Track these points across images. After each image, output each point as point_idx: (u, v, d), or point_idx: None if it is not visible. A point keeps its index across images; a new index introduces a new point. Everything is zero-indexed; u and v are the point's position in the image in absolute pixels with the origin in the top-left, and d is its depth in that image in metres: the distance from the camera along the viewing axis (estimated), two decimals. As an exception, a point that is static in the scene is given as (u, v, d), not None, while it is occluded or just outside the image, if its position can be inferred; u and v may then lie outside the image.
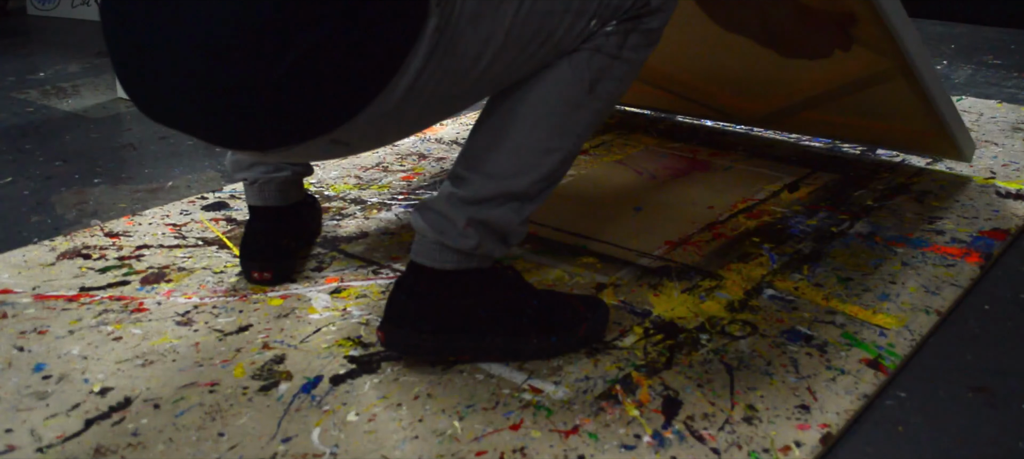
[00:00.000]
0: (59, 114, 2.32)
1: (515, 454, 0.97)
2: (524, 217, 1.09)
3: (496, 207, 1.06)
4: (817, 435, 1.00)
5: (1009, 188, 1.73)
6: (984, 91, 2.51)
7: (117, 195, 1.76)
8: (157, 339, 1.20)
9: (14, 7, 3.78)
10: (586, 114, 1.06)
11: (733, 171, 1.82)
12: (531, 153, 1.05)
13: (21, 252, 1.45)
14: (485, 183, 1.06)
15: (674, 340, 1.19)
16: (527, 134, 1.05)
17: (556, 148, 1.06)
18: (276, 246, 1.34)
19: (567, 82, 1.04)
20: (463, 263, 1.08)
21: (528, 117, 1.05)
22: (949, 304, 1.30)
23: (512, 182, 1.06)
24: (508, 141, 1.05)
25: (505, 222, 1.07)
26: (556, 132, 1.05)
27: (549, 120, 1.05)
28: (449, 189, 1.08)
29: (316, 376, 1.11)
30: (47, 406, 1.05)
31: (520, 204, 1.08)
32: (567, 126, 1.06)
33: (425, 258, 1.09)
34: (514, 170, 1.06)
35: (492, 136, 1.06)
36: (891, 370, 1.14)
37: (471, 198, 1.06)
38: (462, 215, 1.06)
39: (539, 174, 1.07)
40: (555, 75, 1.04)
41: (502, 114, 1.06)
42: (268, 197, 1.33)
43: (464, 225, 1.06)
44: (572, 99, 1.05)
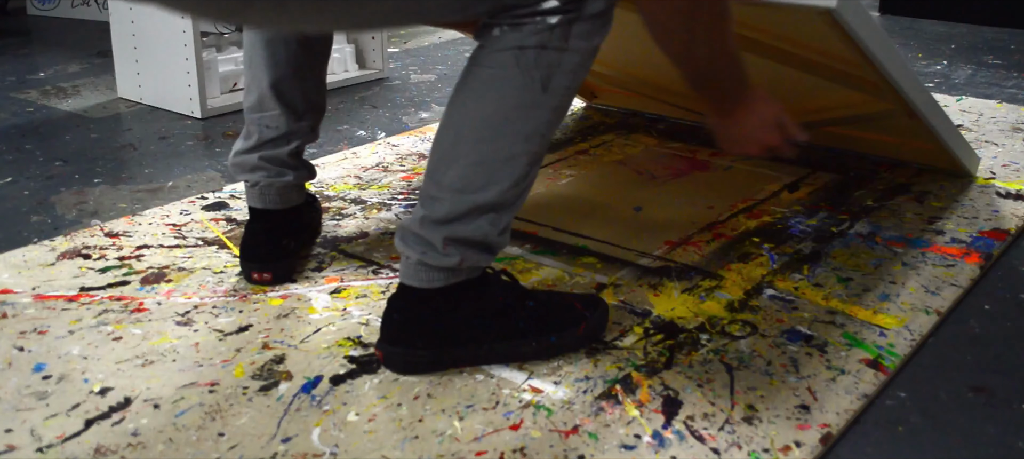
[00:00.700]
0: (59, 114, 2.32)
1: (515, 454, 0.97)
2: (503, 226, 1.08)
3: (470, 222, 1.05)
4: (817, 435, 1.00)
5: (1009, 188, 1.73)
6: (984, 91, 2.51)
7: (117, 195, 1.76)
8: (157, 339, 1.20)
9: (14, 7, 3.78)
10: (544, 113, 1.03)
11: (733, 171, 1.82)
12: (495, 163, 1.03)
13: (21, 252, 1.45)
14: (455, 200, 1.04)
15: (674, 340, 1.19)
16: (488, 144, 1.03)
17: (520, 153, 1.04)
18: (276, 247, 1.34)
19: (518, 85, 1.01)
20: (450, 279, 1.08)
21: (486, 126, 1.03)
22: (949, 304, 1.30)
23: (481, 195, 1.04)
24: (470, 154, 1.03)
25: (482, 235, 1.06)
26: (517, 137, 1.03)
27: (508, 127, 1.02)
28: (421, 211, 1.07)
29: (316, 376, 1.11)
30: (47, 406, 1.05)
31: (495, 215, 1.06)
32: (527, 129, 1.03)
33: (412, 279, 1.09)
34: (481, 182, 1.04)
35: (453, 150, 1.05)
36: (891, 370, 1.14)
37: (444, 218, 1.05)
38: (438, 236, 1.05)
39: (508, 182, 1.04)
40: (505, 80, 1.01)
41: (459, 126, 1.04)
42: (269, 200, 1.33)
43: (442, 246, 1.05)
44: (527, 101, 1.02)
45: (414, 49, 3.17)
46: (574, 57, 1.02)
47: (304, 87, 1.32)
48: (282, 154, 1.32)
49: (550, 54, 1.00)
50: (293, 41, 1.29)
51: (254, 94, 1.31)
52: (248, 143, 1.32)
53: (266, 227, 1.34)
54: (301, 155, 1.36)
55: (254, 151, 1.32)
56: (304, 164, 1.37)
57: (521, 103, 1.02)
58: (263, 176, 1.32)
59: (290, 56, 1.29)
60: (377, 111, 2.37)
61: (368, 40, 2.72)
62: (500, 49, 1.01)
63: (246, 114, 1.33)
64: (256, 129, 1.32)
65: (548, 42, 1.00)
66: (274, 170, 1.32)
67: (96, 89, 2.57)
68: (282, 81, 1.30)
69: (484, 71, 1.03)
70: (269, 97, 1.30)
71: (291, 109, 1.31)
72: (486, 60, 1.02)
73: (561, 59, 1.01)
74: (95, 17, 3.54)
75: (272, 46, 1.29)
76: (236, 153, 1.34)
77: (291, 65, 1.30)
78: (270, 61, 1.29)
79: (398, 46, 3.20)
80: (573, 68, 1.03)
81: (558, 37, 1.00)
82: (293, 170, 1.34)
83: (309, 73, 1.32)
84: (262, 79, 1.30)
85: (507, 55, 1.01)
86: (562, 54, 1.01)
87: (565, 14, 0.99)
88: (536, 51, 1.00)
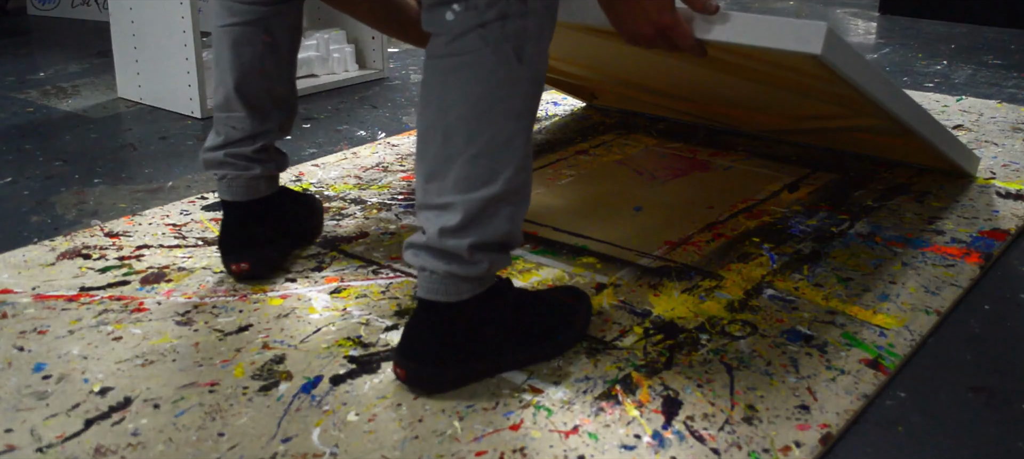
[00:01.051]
0: (59, 114, 2.32)
1: (515, 454, 0.97)
2: (518, 220, 1.05)
3: (490, 223, 1.02)
4: (817, 435, 1.00)
5: (1009, 188, 1.73)
6: (984, 91, 2.51)
7: (117, 195, 1.76)
8: (157, 339, 1.20)
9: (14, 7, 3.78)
10: (524, 86, 1.00)
11: (733, 171, 1.82)
12: (494, 150, 1.00)
13: (21, 252, 1.45)
14: (467, 203, 1.01)
15: (674, 340, 1.19)
16: (482, 133, 1.00)
17: (514, 133, 1.01)
18: (248, 237, 1.34)
19: (493, 64, 0.98)
20: (477, 289, 1.05)
21: (474, 116, 0.99)
22: (949, 304, 1.30)
23: (491, 189, 1.01)
24: (467, 149, 1.00)
25: (504, 234, 1.04)
26: (508, 117, 1.00)
27: (496, 109, 0.99)
28: (437, 222, 1.02)
29: (316, 376, 1.11)
30: (47, 406, 1.05)
31: (512, 208, 1.04)
32: (515, 107, 1.00)
33: (439, 294, 1.04)
34: (486, 176, 1.01)
35: (445, 151, 1.01)
36: (891, 370, 1.14)
37: (462, 224, 1.01)
38: (463, 244, 1.01)
39: (512, 167, 1.01)
40: (478, 63, 0.98)
41: (445, 125, 1.01)
42: (236, 192, 1.34)
43: (469, 254, 1.02)
44: (506, 77, 0.99)
45: (414, 49, 3.17)
46: (536, 18, 0.99)
47: (270, 87, 1.32)
48: (247, 152, 1.32)
49: (514, 22, 0.97)
50: (259, 42, 1.29)
51: (221, 94, 1.31)
52: (216, 141, 1.33)
53: (237, 218, 1.34)
54: (269, 150, 1.36)
55: (221, 149, 1.32)
56: (273, 157, 1.37)
57: (502, 81, 0.99)
58: (230, 171, 1.32)
59: (256, 57, 1.29)
60: (377, 111, 2.37)
61: (368, 40, 2.72)
62: (460, 34, 0.97)
63: (214, 112, 1.33)
64: (223, 129, 1.32)
65: (507, 10, 0.96)
66: (241, 164, 1.33)
67: (96, 89, 2.57)
68: (247, 83, 1.30)
69: (451, 61, 0.99)
70: (234, 98, 1.30)
71: (256, 110, 1.32)
72: (448, 49, 0.99)
73: (526, 25, 0.98)
74: (95, 17, 3.54)
75: (238, 47, 1.29)
76: (205, 149, 1.34)
77: (256, 66, 1.30)
78: (235, 62, 1.29)
79: (398, 46, 3.20)
80: (538, 31, 1.00)
81: (515, 1, 0.97)
82: (260, 163, 1.34)
83: (275, 73, 1.32)
84: (227, 80, 1.30)
85: (470, 37, 0.97)
86: (525, 19, 0.98)
87: None
88: (499, 23, 0.97)
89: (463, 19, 0.97)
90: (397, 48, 3.17)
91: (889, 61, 2.91)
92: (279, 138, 1.37)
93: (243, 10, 1.28)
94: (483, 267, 1.03)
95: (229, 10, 1.29)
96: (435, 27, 1.00)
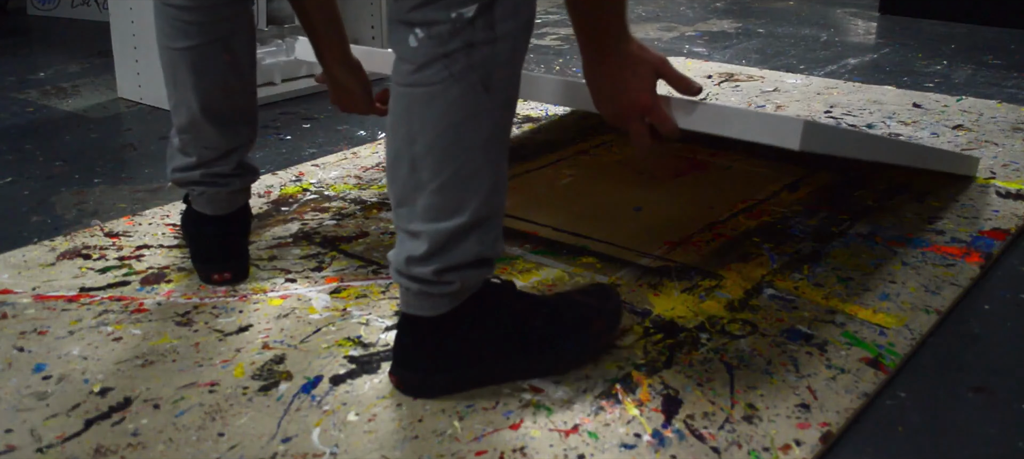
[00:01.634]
0: (59, 114, 2.32)
1: (515, 454, 0.97)
2: (492, 238, 1.02)
3: (456, 249, 0.99)
4: (817, 434, 1.00)
5: (1009, 188, 1.73)
6: (984, 91, 2.51)
7: (117, 195, 1.76)
8: (157, 339, 1.20)
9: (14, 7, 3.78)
10: (494, 114, 0.96)
11: (733, 171, 1.82)
12: (460, 183, 0.97)
13: (21, 252, 1.45)
14: (432, 233, 0.98)
15: (674, 339, 1.19)
16: (447, 166, 0.96)
17: (482, 164, 0.97)
18: (234, 247, 1.35)
19: (457, 95, 0.93)
20: (454, 303, 1.03)
21: (438, 149, 0.96)
22: (949, 304, 1.30)
23: (456, 220, 0.98)
24: (431, 180, 0.97)
25: (474, 256, 1.00)
26: (474, 150, 0.96)
27: (461, 142, 0.95)
28: (405, 249, 1.01)
29: (316, 376, 1.11)
30: (47, 406, 1.05)
31: (480, 232, 1.00)
32: (481, 138, 0.96)
33: (416, 309, 1.03)
34: (452, 207, 0.98)
35: (412, 180, 0.98)
36: (891, 369, 1.14)
37: (429, 252, 0.99)
38: (429, 269, 0.99)
39: (479, 198, 0.98)
40: (441, 95, 0.94)
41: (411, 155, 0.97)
42: (219, 207, 1.34)
43: (437, 276, 1.00)
44: (472, 109, 0.94)
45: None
46: (507, 43, 0.93)
47: (234, 103, 1.31)
48: (225, 171, 1.32)
49: (481, 50, 0.92)
50: (221, 62, 1.27)
51: (184, 116, 1.29)
52: (188, 161, 1.32)
53: (221, 230, 1.34)
54: (244, 163, 1.35)
55: (196, 169, 1.32)
56: (247, 169, 1.36)
57: (468, 113, 0.94)
58: (210, 188, 1.32)
59: (218, 74, 1.27)
60: (377, 111, 2.37)
61: (368, 40, 2.72)
62: (424, 63, 0.93)
63: (178, 132, 1.31)
64: (195, 150, 1.31)
65: (473, 39, 0.91)
66: (222, 180, 1.32)
67: (96, 89, 2.57)
68: (212, 103, 1.28)
69: (416, 91, 0.95)
70: (202, 121, 1.28)
71: (226, 128, 1.31)
72: (412, 79, 0.95)
73: (494, 52, 0.92)
74: (95, 17, 3.54)
75: (198, 70, 1.26)
76: (176, 169, 1.33)
77: (220, 84, 1.28)
78: (197, 84, 1.27)
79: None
80: (508, 57, 0.94)
81: (482, 28, 0.91)
82: (238, 177, 1.34)
83: (239, 88, 1.31)
84: (191, 102, 1.27)
85: (434, 67, 0.93)
86: (494, 46, 0.92)
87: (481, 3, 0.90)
88: (464, 53, 0.91)
89: (426, 47, 0.92)
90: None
91: (889, 61, 2.91)
92: (251, 148, 1.37)
93: (198, 32, 1.25)
94: (454, 286, 1.01)
95: (183, 33, 1.25)
96: (400, 51, 0.96)
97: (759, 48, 3.14)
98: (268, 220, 1.58)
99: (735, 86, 2.52)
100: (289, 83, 2.49)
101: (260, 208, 1.63)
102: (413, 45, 0.93)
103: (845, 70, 2.79)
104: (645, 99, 1.13)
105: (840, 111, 2.26)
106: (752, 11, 3.90)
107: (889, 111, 2.26)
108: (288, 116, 2.30)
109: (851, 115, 2.22)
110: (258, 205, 1.64)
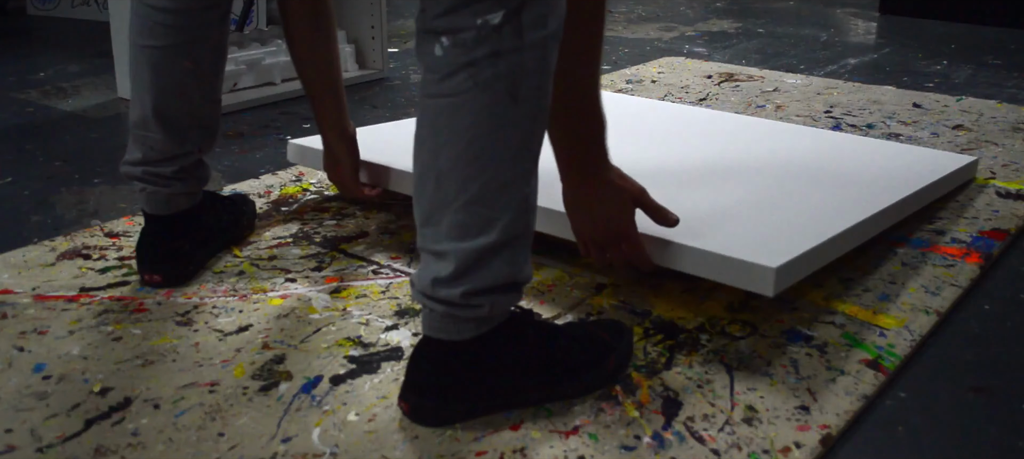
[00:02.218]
0: (59, 114, 2.32)
1: (515, 454, 0.97)
2: (522, 260, 0.99)
3: (484, 269, 0.95)
4: (817, 436, 1.00)
5: (1009, 188, 1.73)
6: (984, 91, 2.51)
7: (117, 195, 1.76)
8: (157, 339, 1.20)
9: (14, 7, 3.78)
10: (523, 125, 0.93)
11: (733, 171, 1.82)
12: (489, 198, 0.94)
13: (21, 252, 1.45)
14: (460, 254, 0.94)
15: (674, 340, 1.19)
16: (475, 181, 0.93)
17: (511, 178, 0.94)
18: (166, 249, 1.33)
19: (484, 106, 0.91)
20: (481, 328, 0.99)
21: (466, 162, 0.93)
22: (949, 304, 1.30)
23: (485, 238, 0.94)
24: (459, 196, 0.94)
25: (504, 278, 0.97)
26: (503, 162, 0.93)
27: (489, 155, 0.92)
28: (431, 270, 0.97)
29: (316, 376, 1.11)
30: (47, 406, 1.05)
31: (510, 253, 0.97)
32: (511, 150, 0.93)
33: (440, 332, 0.99)
34: (481, 224, 0.94)
35: (439, 196, 0.95)
36: (891, 370, 1.14)
37: (454, 275, 0.95)
38: (457, 292, 0.95)
39: (510, 214, 0.95)
40: (467, 106, 0.91)
41: (438, 169, 0.94)
42: (157, 206, 1.33)
43: (464, 299, 0.96)
44: (499, 120, 0.91)
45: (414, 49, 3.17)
46: (536, 52, 0.91)
47: (190, 109, 1.31)
48: (165, 172, 1.31)
49: (508, 59, 0.89)
50: (180, 67, 1.27)
51: (137, 112, 1.30)
52: (134, 156, 1.32)
53: (156, 229, 1.34)
54: (188, 169, 1.34)
55: (139, 165, 1.31)
56: (192, 175, 1.35)
57: (494, 125, 0.91)
58: (150, 186, 1.32)
59: (176, 78, 1.27)
60: (377, 111, 2.37)
61: (368, 40, 2.72)
62: (449, 73, 0.91)
63: (131, 128, 1.31)
64: (140, 147, 1.31)
65: (500, 47, 0.89)
66: (162, 182, 1.32)
67: (96, 89, 2.57)
68: (165, 104, 1.28)
69: (442, 102, 0.93)
70: (151, 120, 1.28)
71: (174, 132, 1.30)
72: (438, 89, 0.93)
73: (522, 61, 0.90)
74: (95, 17, 3.54)
75: (157, 70, 1.27)
76: (125, 162, 1.33)
77: (176, 87, 1.28)
78: (154, 84, 1.27)
79: (398, 46, 3.21)
80: (537, 66, 0.92)
81: (509, 36, 0.89)
82: (180, 180, 1.33)
83: (196, 94, 1.31)
84: (146, 100, 1.28)
85: (460, 76, 0.90)
86: (521, 55, 0.90)
87: (507, 7, 0.88)
88: (489, 62, 0.89)
89: (452, 56, 0.90)
90: (397, 48, 3.17)
91: (889, 61, 2.91)
92: (198, 158, 1.35)
93: (164, 34, 1.25)
94: (483, 310, 0.97)
95: (149, 31, 1.26)
96: (426, 62, 0.94)
97: (759, 48, 3.14)
98: (268, 220, 1.58)
99: (735, 86, 2.52)
100: (289, 83, 2.49)
101: (260, 208, 1.63)
102: (439, 54, 0.91)
103: (845, 70, 2.79)
104: (623, 228, 1.17)
105: (840, 111, 2.26)
106: (752, 11, 3.90)
107: (889, 111, 2.26)
108: (288, 116, 2.30)
109: (851, 115, 2.22)
110: (258, 205, 1.64)
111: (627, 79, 2.61)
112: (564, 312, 1.27)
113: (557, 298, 1.30)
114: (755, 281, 1.13)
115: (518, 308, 1.05)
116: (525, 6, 0.89)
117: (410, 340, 1.19)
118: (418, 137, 0.97)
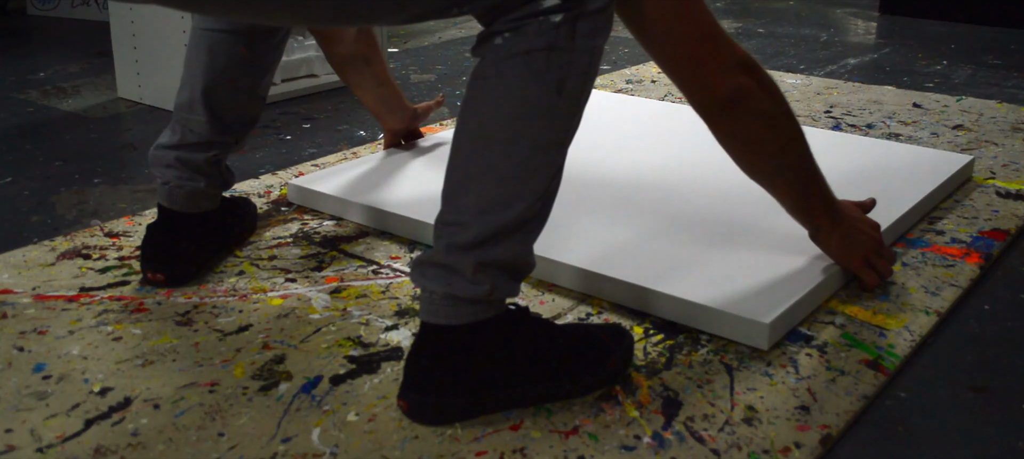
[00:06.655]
0: (59, 114, 2.32)
1: (515, 454, 0.97)
2: (531, 245, 1.03)
3: (500, 244, 0.99)
4: (817, 436, 1.00)
5: (1009, 188, 1.73)
6: (984, 91, 2.51)
7: (117, 195, 1.76)
8: (157, 339, 1.20)
9: (14, 7, 3.78)
10: (560, 119, 0.99)
11: (733, 171, 1.82)
12: (517, 177, 0.99)
13: (21, 252, 1.45)
14: (481, 223, 0.98)
15: (674, 340, 1.19)
16: (508, 158, 0.98)
17: (541, 164, 0.99)
18: (172, 248, 1.33)
19: (532, 91, 0.97)
20: (480, 313, 1.01)
21: (503, 139, 0.98)
22: (949, 304, 1.30)
23: (507, 214, 0.99)
24: (490, 170, 0.99)
25: (513, 256, 1.01)
26: (537, 148, 0.98)
27: (525, 137, 0.98)
28: (446, 238, 1.00)
29: (316, 376, 1.11)
30: (47, 406, 1.05)
31: (524, 234, 1.01)
32: (545, 138, 0.99)
33: (438, 317, 1.01)
34: (505, 200, 0.98)
35: (470, 168, 1.00)
36: (891, 370, 1.14)
37: (471, 242, 0.99)
38: (468, 262, 0.99)
39: (532, 196, 0.99)
40: (516, 88, 0.97)
41: (474, 143, 1.00)
42: (176, 202, 1.33)
43: (473, 272, 0.99)
44: (542, 107, 0.97)
45: (414, 49, 3.17)
46: (583, 58, 0.98)
47: (237, 99, 1.32)
48: (198, 159, 1.32)
49: (561, 55, 0.97)
50: (236, 53, 1.28)
51: (185, 94, 1.32)
52: (171, 140, 1.33)
53: (167, 227, 1.34)
54: (219, 164, 1.36)
55: (173, 149, 1.32)
56: (220, 173, 1.37)
57: (537, 111, 0.98)
58: (175, 176, 1.32)
59: (230, 64, 1.29)
60: (377, 111, 2.36)
61: (368, 40, 2.72)
62: (507, 57, 0.97)
63: (175, 110, 1.33)
64: (180, 129, 1.33)
65: (555, 42, 0.96)
66: (187, 173, 1.32)
67: (96, 89, 2.57)
68: (216, 89, 1.30)
69: (492, 83, 0.98)
70: (199, 102, 1.30)
71: (218, 119, 1.32)
72: (492, 71, 0.98)
73: (571, 60, 0.97)
74: (95, 17, 3.54)
75: (213, 53, 1.29)
76: (157, 145, 1.34)
77: (229, 74, 1.30)
78: (208, 66, 1.29)
79: (398, 46, 3.20)
80: (583, 70, 0.99)
81: (565, 36, 0.96)
82: (206, 177, 1.34)
83: (246, 84, 1.32)
84: (197, 83, 1.30)
85: (516, 61, 0.97)
86: (572, 55, 0.97)
87: (568, 12, 0.96)
88: (545, 53, 0.96)
89: (511, 44, 0.97)
90: (397, 48, 3.17)
91: (889, 61, 2.91)
92: (234, 152, 1.37)
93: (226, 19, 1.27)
94: (484, 288, 1.00)
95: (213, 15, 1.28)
96: (483, 51, 1.00)
97: (759, 48, 3.14)
98: (268, 220, 1.58)
99: (735, 86, 2.51)
100: (289, 83, 2.49)
101: (260, 208, 1.63)
102: (498, 44, 0.98)
103: (845, 70, 2.79)
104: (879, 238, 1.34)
105: (840, 111, 2.26)
106: (752, 11, 3.90)
107: (889, 111, 2.26)
108: (288, 116, 2.30)
109: (851, 115, 2.22)
110: (258, 205, 1.64)
111: (627, 79, 2.61)
112: (564, 312, 1.27)
113: (557, 298, 1.31)
114: (749, 336, 1.17)
115: (515, 304, 1.07)
116: (582, 17, 0.97)
117: (410, 340, 1.19)
118: (462, 115, 1.02)
